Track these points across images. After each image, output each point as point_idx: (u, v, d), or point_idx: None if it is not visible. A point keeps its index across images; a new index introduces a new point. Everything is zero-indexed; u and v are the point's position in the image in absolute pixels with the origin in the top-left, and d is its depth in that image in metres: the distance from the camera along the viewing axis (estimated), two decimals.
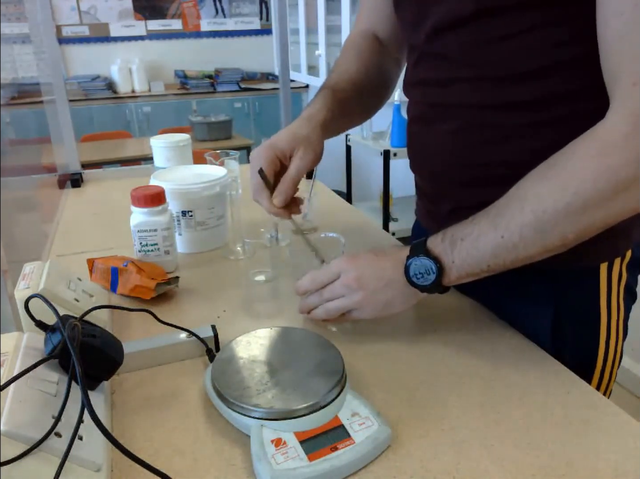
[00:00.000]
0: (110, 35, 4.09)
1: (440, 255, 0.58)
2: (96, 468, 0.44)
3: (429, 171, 0.75)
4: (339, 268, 0.63)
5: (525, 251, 0.55)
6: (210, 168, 0.98)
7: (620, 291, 0.69)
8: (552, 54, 0.58)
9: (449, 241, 0.58)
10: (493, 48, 0.60)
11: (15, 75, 3.35)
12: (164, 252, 0.84)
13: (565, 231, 0.53)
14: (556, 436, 0.50)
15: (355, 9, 2.99)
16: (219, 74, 4.21)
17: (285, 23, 1.44)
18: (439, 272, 0.58)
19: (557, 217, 0.52)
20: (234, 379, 0.53)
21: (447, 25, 0.63)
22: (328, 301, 0.64)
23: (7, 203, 0.83)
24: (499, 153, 0.64)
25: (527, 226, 0.54)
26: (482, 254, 0.56)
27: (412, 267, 0.59)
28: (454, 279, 0.59)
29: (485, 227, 0.56)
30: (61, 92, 1.34)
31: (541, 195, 0.53)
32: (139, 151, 3.13)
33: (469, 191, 0.59)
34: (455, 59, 0.64)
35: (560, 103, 0.59)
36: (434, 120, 0.70)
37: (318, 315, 0.66)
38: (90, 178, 1.43)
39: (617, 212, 0.52)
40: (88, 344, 0.49)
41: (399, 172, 2.74)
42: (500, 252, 0.56)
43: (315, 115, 0.74)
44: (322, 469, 0.45)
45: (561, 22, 0.56)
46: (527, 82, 0.60)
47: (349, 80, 0.81)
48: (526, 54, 0.59)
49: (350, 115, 0.83)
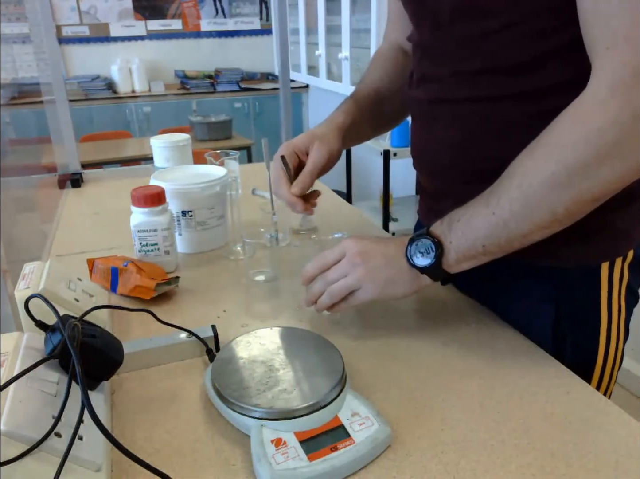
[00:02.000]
0: (110, 35, 4.09)
1: (440, 237, 0.59)
2: (96, 468, 0.44)
3: (431, 167, 0.75)
4: (343, 246, 0.64)
5: (518, 229, 0.55)
6: (210, 168, 0.98)
7: (622, 292, 0.68)
8: (548, 42, 0.58)
9: (447, 222, 0.59)
10: (489, 40, 0.60)
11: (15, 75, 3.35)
12: (164, 252, 0.84)
13: (553, 204, 0.53)
14: (556, 436, 0.50)
15: (355, 9, 2.99)
16: (219, 74, 4.21)
17: (285, 23, 1.44)
18: (438, 253, 0.58)
19: (542, 189, 0.53)
20: (234, 379, 0.53)
21: (444, 20, 0.63)
22: (333, 282, 0.64)
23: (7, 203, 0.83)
24: (500, 147, 0.64)
25: (515, 201, 0.54)
26: (475, 233, 0.57)
27: (412, 247, 0.60)
28: (453, 263, 0.59)
29: (479, 206, 0.57)
30: (61, 92, 1.34)
31: (527, 168, 0.54)
32: (139, 151, 3.14)
33: (471, 186, 0.59)
34: (452, 53, 0.65)
35: (559, 93, 0.59)
36: (434, 116, 0.70)
37: (323, 302, 0.65)
38: (90, 178, 1.43)
39: (604, 182, 0.52)
40: (88, 344, 0.49)
41: (399, 172, 2.75)
42: (493, 230, 0.56)
43: (334, 119, 0.80)
44: (322, 469, 0.45)
45: (554, 8, 0.56)
46: (524, 72, 0.60)
47: (372, 89, 0.85)
48: (521, 44, 0.59)
49: (373, 122, 0.86)
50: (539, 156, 0.54)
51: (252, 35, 4.40)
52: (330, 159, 0.76)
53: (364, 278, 0.62)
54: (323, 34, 3.33)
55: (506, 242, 0.56)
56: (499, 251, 0.57)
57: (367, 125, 0.85)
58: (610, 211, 0.63)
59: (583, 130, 0.51)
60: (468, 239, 0.57)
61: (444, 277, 0.61)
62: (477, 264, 0.59)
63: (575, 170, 0.51)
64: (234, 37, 4.36)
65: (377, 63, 0.89)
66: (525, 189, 0.53)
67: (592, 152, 0.50)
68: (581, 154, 0.51)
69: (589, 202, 0.53)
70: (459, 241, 0.58)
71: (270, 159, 0.80)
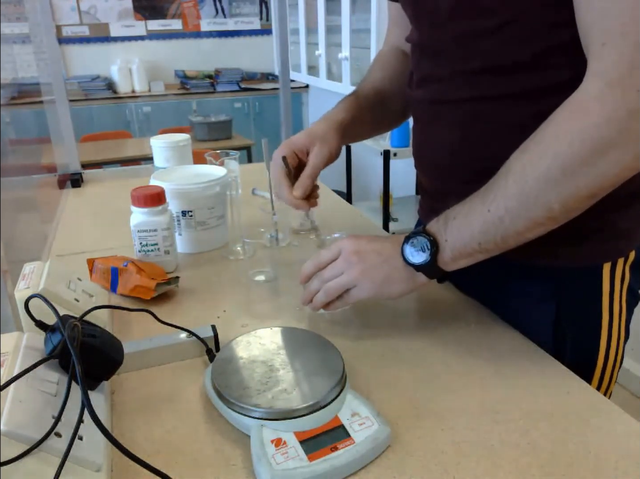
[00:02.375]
0: (110, 35, 4.09)
1: (435, 234, 0.59)
2: (96, 468, 0.44)
3: (431, 167, 0.75)
4: (339, 246, 0.64)
5: (513, 225, 0.55)
6: (210, 168, 0.98)
7: (623, 293, 0.68)
8: (547, 40, 0.58)
9: (443, 220, 0.59)
10: (487, 39, 0.60)
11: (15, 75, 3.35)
12: (164, 252, 0.84)
13: (548, 200, 0.53)
14: (556, 436, 0.50)
15: (355, 8, 2.99)
16: (219, 74, 4.21)
17: (285, 23, 1.44)
18: (433, 250, 0.58)
19: (538, 185, 0.53)
20: (234, 379, 0.53)
21: (442, 18, 0.63)
22: (328, 280, 0.64)
23: (7, 203, 0.83)
24: (501, 147, 0.64)
25: (511, 198, 0.54)
26: (471, 230, 0.57)
27: (408, 245, 0.60)
28: (449, 261, 0.59)
29: (475, 203, 0.57)
30: (61, 92, 1.34)
31: (523, 165, 0.54)
32: (139, 151, 3.13)
33: (472, 186, 0.59)
34: (451, 53, 0.65)
35: (560, 92, 0.59)
36: (434, 116, 0.70)
37: (319, 299, 0.65)
38: (90, 178, 1.43)
39: (599, 178, 0.51)
40: (88, 344, 0.49)
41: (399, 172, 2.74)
42: (489, 227, 0.56)
43: (333, 117, 0.79)
44: (322, 469, 0.45)
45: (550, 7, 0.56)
46: (524, 72, 0.60)
47: (372, 89, 0.85)
48: (519, 43, 0.59)
49: (373, 121, 0.86)
50: (534, 152, 0.54)
51: (252, 35, 4.40)
52: (330, 158, 0.76)
53: (360, 276, 0.62)
54: (323, 34, 3.33)
55: (502, 240, 0.56)
56: (494, 248, 0.57)
57: (366, 124, 0.85)
58: (612, 211, 0.63)
59: (579, 126, 0.51)
60: (464, 236, 0.57)
61: (440, 275, 0.61)
62: (473, 261, 0.59)
63: (571, 166, 0.51)
64: (234, 37, 4.36)
65: (378, 65, 0.89)
66: (521, 185, 0.53)
67: (588, 148, 0.50)
68: (577, 150, 0.51)
69: (586, 199, 0.53)
70: (455, 239, 0.58)
71: (270, 159, 0.80)
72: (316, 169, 0.75)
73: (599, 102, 0.50)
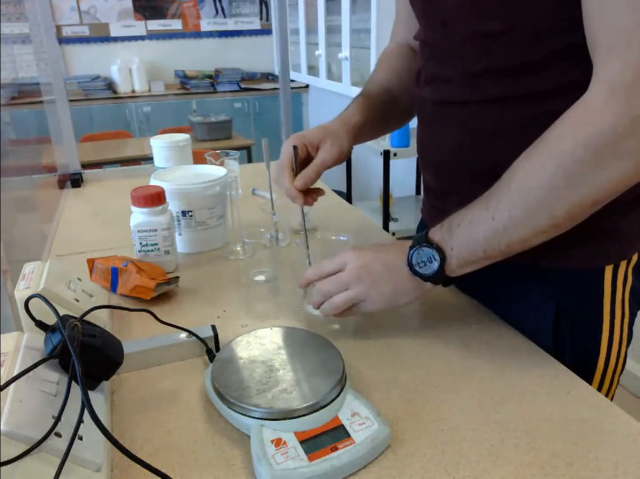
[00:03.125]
0: (110, 35, 4.09)
1: (440, 243, 0.59)
2: (96, 468, 0.44)
3: (436, 166, 0.75)
4: (344, 258, 0.63)
5: (517, 233, 0.55)
6: (210, 168, 0.98)
7: (625, 295, 0.68)
8: (554, 43, 0.57)
9: (447, 228, 0.59)
10: (493, 40, 0.60)
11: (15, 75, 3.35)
12: (164, 252, 0.84)
13: (552, 208, 0.53)
14: (556, 436, 0.50)
15: (355, 8, 2.99)
16: (219, 74, 4.21)
17: (285, 23, 1.44)
18: (441, 261, 0.58)
19: (542, 193, 0.52)
20: (234, 379, 0.53)
21: (450, 19, 0.63)
22: (332, 294, 0.63)
23: (7, 203, 0.83)
24: (505, 148, 0.64)
25: (514, 206, 0.54)
26: (476, 238, 0.57)
27: (414, 257, 0.60)
28: (456, 268, 0.59)
29: (478, 211, 0.57)
30: (61, 92, 1.34)
31: (526, 172, 0.54)
32: (139, 151, 3.13)
33: (476, 186, 0.59)
34: (459, 53, 0.64)
35: (566, 94, 0.59)
36: (440, 116, 0.70)
37: (325, 310, 0.65)
38: (90, 178, 1.43)
39: (603, 185, 0.51)
40: (88, 344, 0.49)
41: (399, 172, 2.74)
42: (493, 235, 0.56)
43: (347, 117, 0.79)
44: (322, 469, 0.45)
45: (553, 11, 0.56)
46: (530, 74, 0.60)
47: (381, 87, 0.84)
48: (525, 45, 0.58)
49: (384, 119, 0.85)
50: (537, 159, 0.53)
51: (252, 35, 4.40)
52: (339, 158, 0.75)
53: (368, 291, 0.62)
54: (323, 34, 3.33)
55: (506, 247, 0.56)
56: (499, 254, 0.57)
57: (378, 124, 0.84)
58: (616, 214, 0.62)
59: (582, 133, 0.51)
60: (469, 245, 0.57)
61: (446, 280, 0.61)
62: (478, 267, 0.60)
63: (575, 173, 0.51)
64: (234, 37, 4.36)
65: (385, 62, 0.88)
66: (525, 193, 0.53)
67: (591, 155, 0.50)
68: (580, 157, 0.50)
69: (589, 206, 0.53)
70: (460, 247, 0.58)
71: (271, 159, 0.80)
72: (324, 164, 0.73)
73: (602, 109, 0.50)
